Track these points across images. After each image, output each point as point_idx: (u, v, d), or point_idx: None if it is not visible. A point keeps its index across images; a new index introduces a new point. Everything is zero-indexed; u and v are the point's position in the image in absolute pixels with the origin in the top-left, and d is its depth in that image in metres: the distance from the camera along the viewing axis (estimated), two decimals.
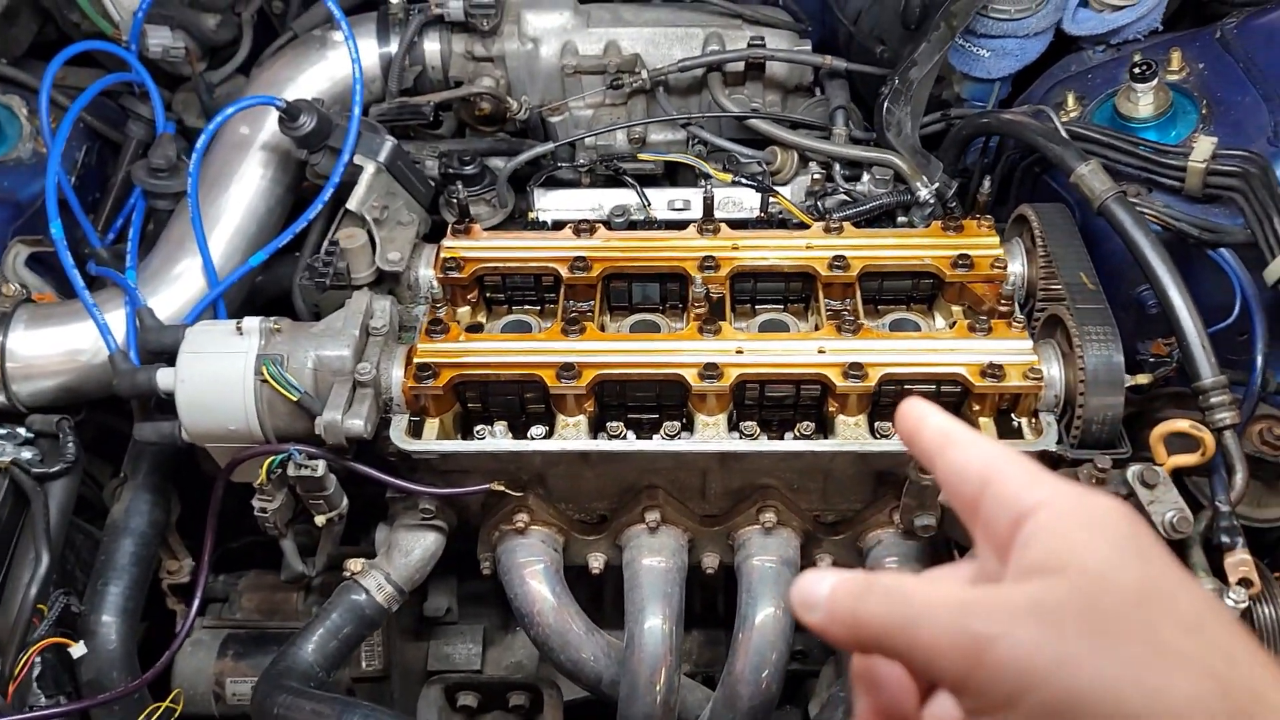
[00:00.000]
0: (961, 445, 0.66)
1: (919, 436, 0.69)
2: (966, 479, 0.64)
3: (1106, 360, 1.53)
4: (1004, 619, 0.54)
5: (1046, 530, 0.58)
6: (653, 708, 1.59)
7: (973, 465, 0.64)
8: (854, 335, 1.62)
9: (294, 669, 1.56)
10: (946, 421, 0.68)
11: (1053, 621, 0.53)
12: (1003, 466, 0.63)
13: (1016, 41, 2.03)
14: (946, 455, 0.66)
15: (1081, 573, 0.55)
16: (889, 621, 0.58)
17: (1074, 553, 0.56)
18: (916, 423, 0.69)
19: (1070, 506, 0.58)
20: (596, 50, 2.08)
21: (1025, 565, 0.57)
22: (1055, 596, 0.54)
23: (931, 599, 0.57)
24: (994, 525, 0.61)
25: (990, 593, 0.57)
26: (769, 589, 1.64)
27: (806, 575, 0.63)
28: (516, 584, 1.68)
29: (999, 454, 0.64)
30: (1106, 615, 0.53)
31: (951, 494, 0.66)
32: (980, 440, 0.67)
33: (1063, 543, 0.57)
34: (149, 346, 1.72)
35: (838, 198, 1.96)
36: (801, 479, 1.67)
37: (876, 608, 0.59)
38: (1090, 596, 0.54)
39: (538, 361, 1.60)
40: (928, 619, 0.57)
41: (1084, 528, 0.57)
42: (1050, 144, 1.75)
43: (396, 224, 1.85)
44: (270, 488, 1.61)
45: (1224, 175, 1.69)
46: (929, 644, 0.56)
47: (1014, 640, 0.53)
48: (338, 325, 1.64)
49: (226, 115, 1.81)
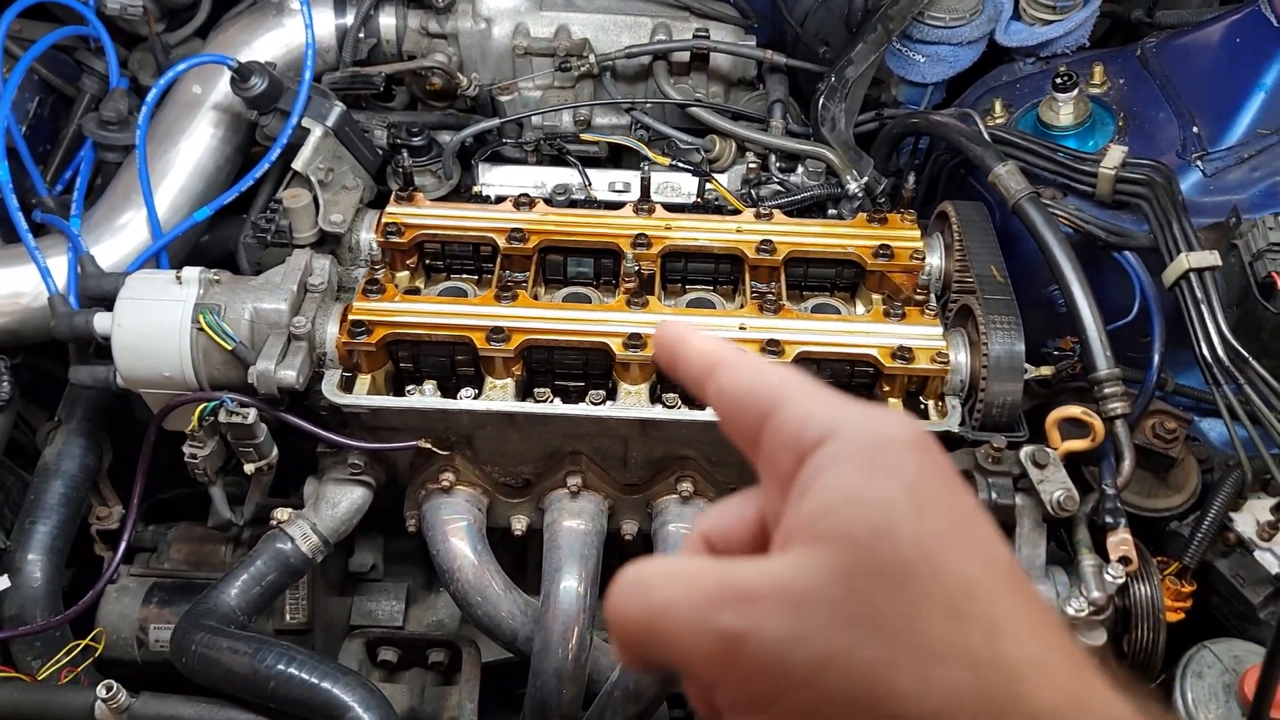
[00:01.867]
0: (733, 367, 0.57)
1: (682, 358, 0.60)
2: (743, 406, 0.56)
3: (1009, 348, 1.62)
4: (752, 608, 0.46)
5: (825, 473, 0.50)
6: (564, 663, 1.64)
7: (749, 390, 0.56)
8: (775, 315, 1.69)
9: (215, 610, 1.60)
10: (712, 342, 0.60)
11: (805, 610, 0.46)
12: (787, 389, 0.54)
13: (950, 49, 2.12)
14: (717, 379, 0.58)
15: (846, 542, 0.47)
16: (638, 621, 0.50)
17: (847, 506, 0.48)
18: (676, 343, 0.61)
19: (854, 441, 0.50)
20: (548, 33, 2.14)
21: (796, 524, 0.50)
22: (811, 575, 0.47)
23: (675, 587, 0.49)
24: (776, 461, 0.53)
25: (742, 572, 0.49)
26: None
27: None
28: (439, 540, 1.73)
29: (777, 376, 0.56)
30: (864, 596, 0.45)
31: (727, 423, 0.57)
32: (755, 361, 0.58)
33: (837, 491, 0.49)
34: (89, 292, 1.75)
35: (771, 187, 2.03)
36: (720, 451, 1.73)
37: (629, 609, 0.50)
38: (849, 572, 0.46)
39: (469, 324, 1.66)
40: (672, 614, 0.48)
41: (862, 474, 0.49)
42: (972, 144, 1.84)
43: (341, 188, 1.89)
44: (202, 435, 1.65)
45: (1132, 183, 1.79)
46: (675, 644, 0.48)
47: (764, 636, 0.46)
48: (276, 280, 1.69)
49: (179, 70, 1.85)
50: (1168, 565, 1.66)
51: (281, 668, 1.50)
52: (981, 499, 1.55)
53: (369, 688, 1.53)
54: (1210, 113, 1.89)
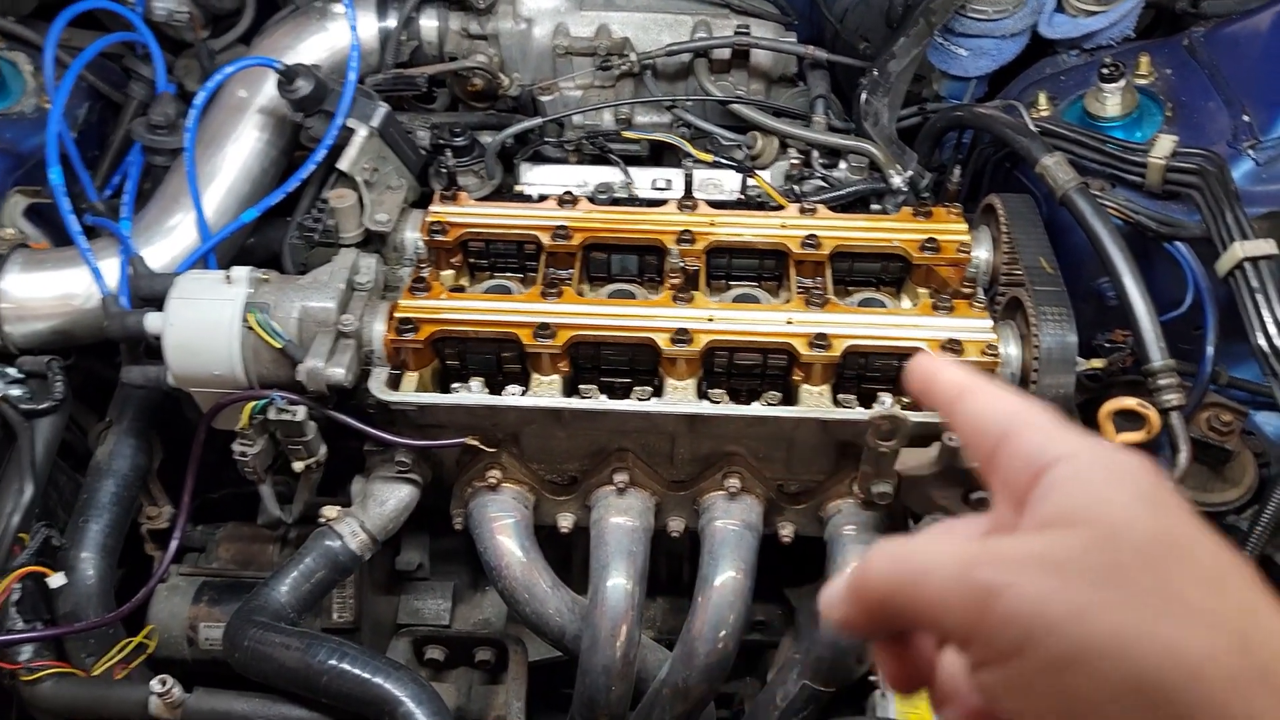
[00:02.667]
0: (980, 395, 0.64)
1: (933, 386, 0.67)
2: (985, 430, 0.62)
3: (1060, 340, 1.60)
4: (1012, 569, 0.53)
5: (1066, 482, 0.56)
6: (613, 660, 1.64)
7: (992, 415, 0.62)
8: (821, 309, 1.68)
9: (266, 607, 1.61)
10: (962, 372, 0.67)
11: (1064, 572, 0.52)
12: (1025, 417, 0.61)
13: (993, 41, 2.10)
14: (965, 404, 0.65)
15: (1098, 524, 0.53)
16: (893, 580, 0.57)
17: (1092, 505, 0.54)
18: (930, 373, 0.68)
19: (1092, 460, 0.57)
20: (588, 33, 2.15)
21: (1041, 516, 0.56)
22: (1068, 547, 0.53)
23: (936, 553, 0.57)
24: (1012, 477, 0.59)
25: (999, 543, 0.56)
26: (730, 551, 1.70)
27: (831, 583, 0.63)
28: (486, 538, 1.73)
29: (1020, 405, 0.62)
30: (1121, 567, 0.51)
31: (969, 445, 0.64)
32: (1000, 391, 0.65)
33: (1081, 495, 0.55)
34: (140, 293, 1.77)
35: (814, 183, 2.02)
36: (766, 447, 1.72)
37: (880, 569, 0.58)
38: (1105, 548, 0.52)
39: (516, 321, 1.66)
40: (932, 573, 0.56)
41: (1104, 481, 0.56)
42: (1018, 136, 1.82)
43: (386, 188, 1.91)
44: (251, 432, 1.66)
45: (1183, 172, 1.76)
46: (934, 597, 0.55)
47: (1022, 590, 0.52)
48: (324, 278, 1.70)
49: (226, 74, 1.87)
50: None
51: (334, 663, 1.50)
52: None
53: (420, 683, 1.54)
54: (1261, 101, 1.86)
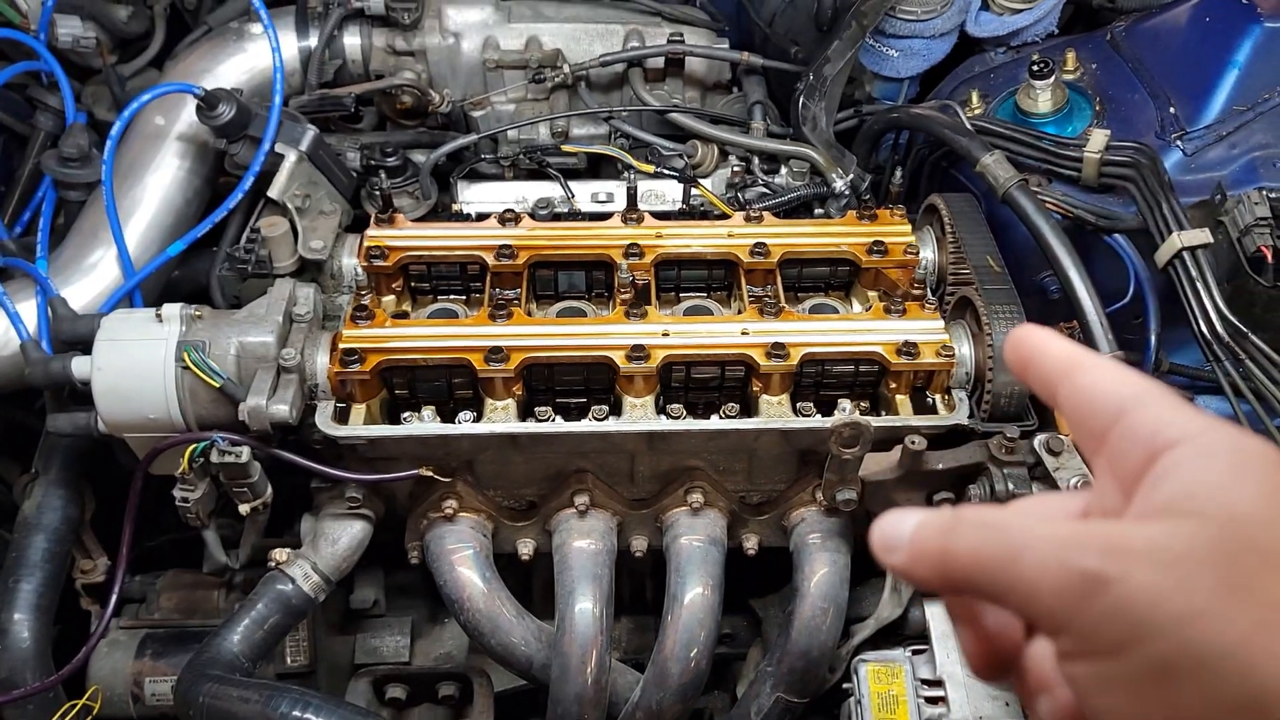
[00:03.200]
0: (1093, 370, 0.59)
1: (1039, 361, 0.62)
2: (1098, 407, 0.57)
3: None
4: (1122, 558, 0.48)
5: (1186, 466, 0.51)
6: (584, 688, 1.60)
7: (1107, 391, 0.57)
8: (776, 317, 1.67)
9: (219, 659, 1.54)
10: (1071, 345, 0.61)
11: (1182, 568, 0.47)
12: (1143, 394, 0.56)
13: (923, 42, 2.12)
14: (1075, 379, 0.59)
15: (1222, 518, 0.48)
16: (983, 555, 0.52)
17: (1215, 494, 0.49)
18: (1035, 347, 0.62)
19: (1217, 443, 0.52)
20: (518, 45, 2.11)
21: (1154, 503, 0.51)
22: (1187, 541, 0.48)
23: (1034, 530, 0.51)
24: (1124, 457, 0.55)
25: (1107, 528, 0.51)
26: (697, 568, 1.67)
27: (887, 515, 0.57)
28: (445, 571, 1.68)
29: (1138, 380, 0.57)
30: (1246, 570, 0.46)
31: (1077, 423, 0.59)
32: (1115, 365, 0.59)
33: (1204, 483, 0.50)
34: (62, 336, 1.68)
35: (757, 190, 2.01)
36: (727, 459, 1.70)
37: (968, 541, 0.53)
38: (1229, 546, 0.47)
39: (465, 346, 1.61)
40: (1030, 552, 0.50)
41: (1231, 469, 0.50)
42: (957, 136, 1.84)
43: (319, 213, 1.84)
44: (192, 477, 1.58)
45: (1117, 165, 1.80)
46: (1031, 579, 0.50)
47: (1133, 584, 0.47)
48: (260, 312, 1.63)
49: (143, 101, 1.79)
50: None
51: (297, 714, 1.44)
52: (999, 490, 1.53)
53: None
54: (1185, 92, 1.91)
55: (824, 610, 1.66)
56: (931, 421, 1.60)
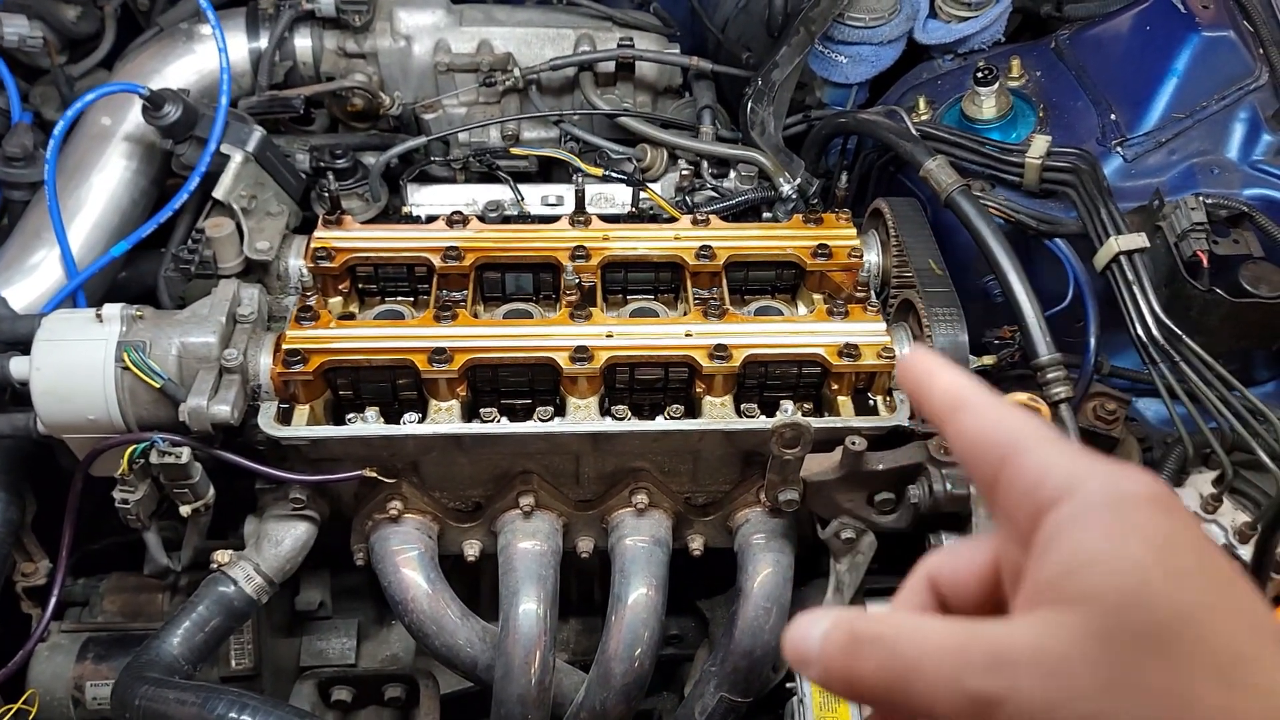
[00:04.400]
0: (973, 411, 0.57)
1: (926, 394, 0.60)
2: (979, 454, 0.56)
3: (953, 339, 1.63)
4: (1008, 672, 0.47)
5: (1066, 532, 0.49)
6: (527, 689, 1.61)
7: (986, 437, 0.55)
8: (719, 319, 1.68)
9: (157, 662, 1.52)
10: (957, 380, 0.59)
11: (1065, 673, 0.46)
12: (1021, 440, 0.54)
13: (871, 48, 2.14)
14: (957, 422, 0.57)
15: (1100, 605, 0.46)
16: (883, 678, 0.51)
17: (1094, 570, 0.47)
18: (923, 378, 0.60)
19: (1096, 500, 0.50)
20: (469, 49, 2.11)
21: (1040, 585, 0.50)
22: (1068, 638, 0.47)
23: (924, 648, 0.50)
24: (1013, 512, 0.53)
25: (993, 634, 0.49)
26: (641, 568, 1.68)
27: (798, 623, 0.55)
28: (390, 572, 1.68)
29: (1017, 423, 0.55)
30: (1126, 662, 0.45)
31: (966, 465, 0.58)
32: (994, 404, 0.57)
33: (1083, 554, 0.48)
34: (1, 336, 1.66)
35: (705, 193, 2.03)
36: (672, 461, 1.71)
37: (868, 665, 0.52)
38: (1109, 636, 0.46)
39: (410, 347, 1.61)
40: (922, 675, 0.49)
41: (1110, 532, 0.48)
42: (901, 141, 1.86)
43: (266, 214, 1.83)
44: (133, 478, 1.57)
45: (1058, 171, 1.82)
46: (927, 703, 0.49)
47: (1022, 700, 0.46)
48: (203, 312, 1.62)
49: (87, 101, 1.78)
50: None
51: (234, 715, 1.43)
52: (937, 490, 1.55)
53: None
54: (1126, 100, 1.94)
55: (767, 610, 1.67)
56: (872, 423, 1.62)
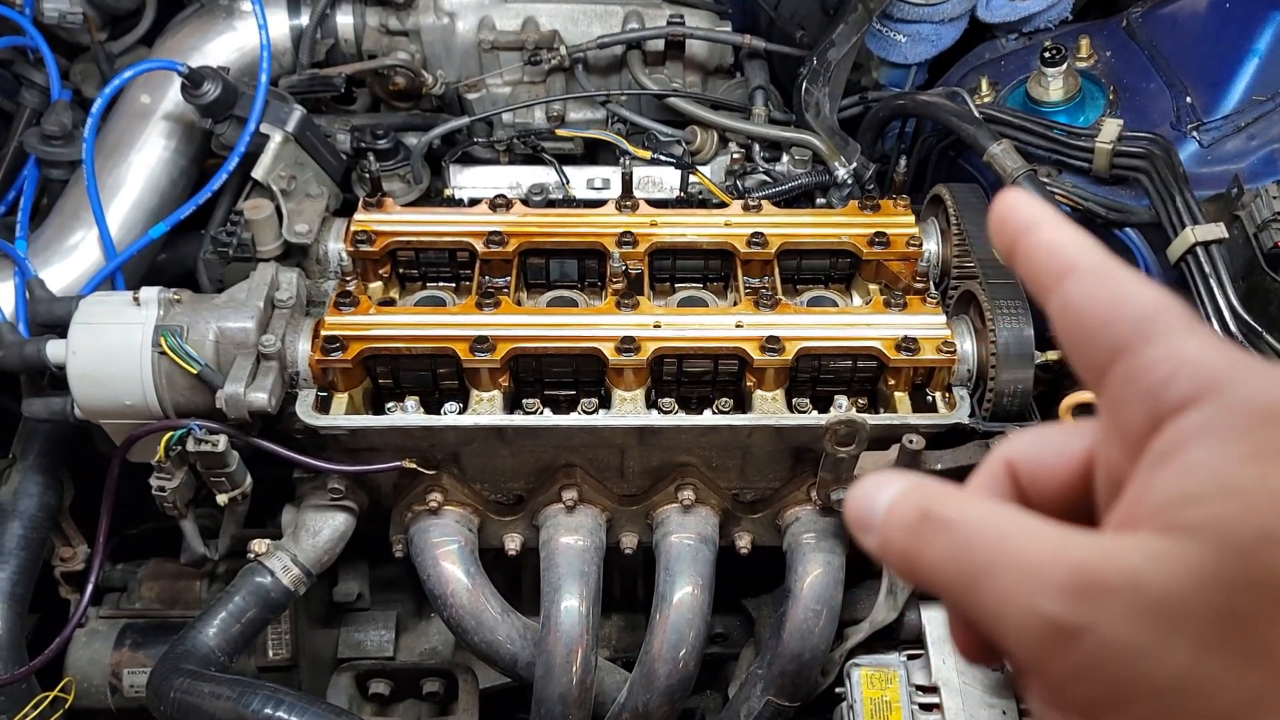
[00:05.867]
0: (1091, 278, 0.46)
1: (1025, 249, 0.49)
2: (1095, 331, 0.45)
3: (1017, 334, 1.55)
4: (1096, 599, 0.39)
5: (1195, 447, 0.40)
6: (569, 687, 1.56)
7: (1108, 312, 0.45)
8: (772, 310, 1.62)
9: (193, 653, 1.50)
10: (1070, 237, 0.48)
11: (1166, 615, 0.38)
12: (1153, 323, 0.44)
13: (932, 27, 2.06)
14: (1068, 289, 0.47)
15: (1229, 542, 0.37)
16: (947, 576, 0.44)
17: (1222, 501, 0.38)
18: (1023, 231, 0.49)
19: (1238, 411, 0.40)
20: (514, 26, 2.05)
21: (1148, 503, 0.41)
22: (1181, 576, 0.38)
23: (1004, 549, 0.42)
24: (1125, 410, 0.44)
25: (1086, 551, 0.40)
26: (687, 567, 1.63)
27: (863, 483, 0.48)
28: (429, 565, 1.64)
29: (1150, 300, 0.44)
30: (1247, 618, 0.37)
31: (1069, 345, 0.47)
32: (1121, 273, 0.46)
33: (1209, 480, 0.39)
34: (39, 319, 1.64)
35: (757, 177, 1.95)
36: (720, 456, 1.65)
37: (934, 553, 0.45)
38: (1231, 585, 0.37)
39: (451, 335, 1.56)
40: (994, 581, 0.41)
41: (1248, 458, 0.38)
42: (964, 124, 1.77)
43: (305, 196, 1.79)
44: (169, 465, 1.54)
45: (1130, 157, 1.73)
46: (993, 614, 0.42)
47: (1106, 637, 0.38)
48: (241, 296, 1.58)
49: (125, 78, 1.74)
50: None
51: (269, 711, 1.40)
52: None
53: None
54: (1203, 81, 1.84)
55: (817, 613, 1.61)
56: (931, 420, 1.55)
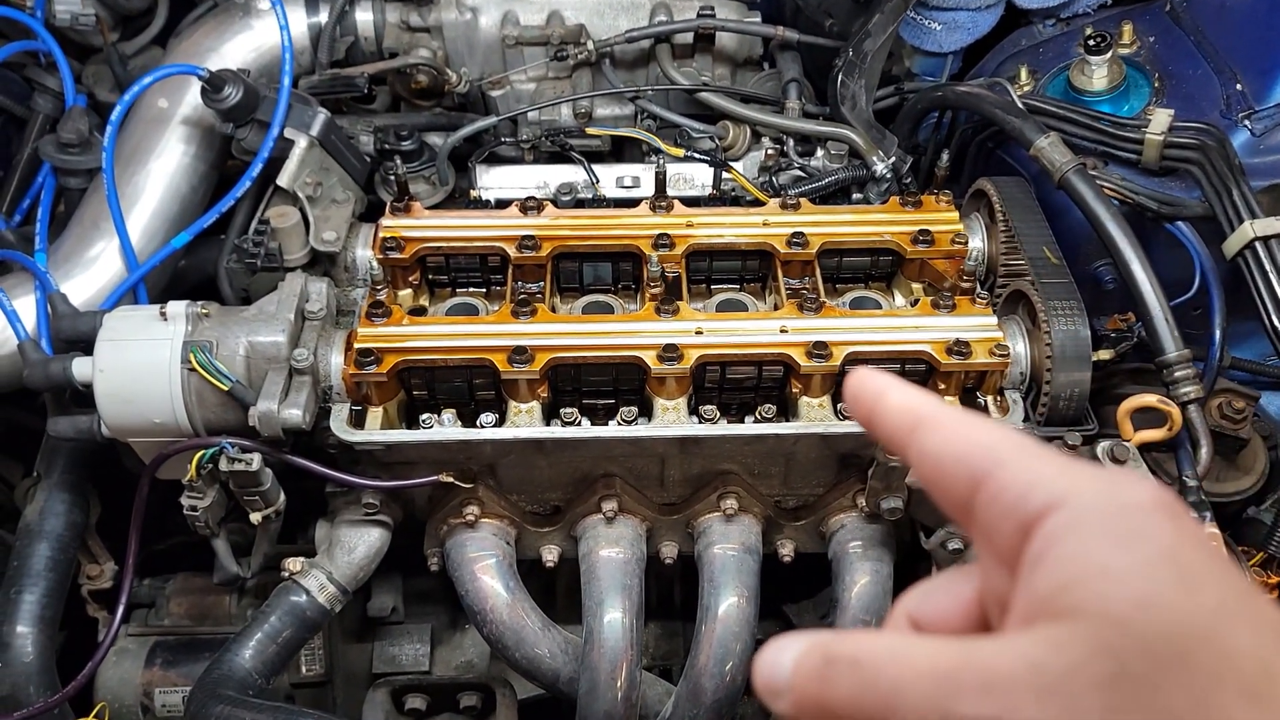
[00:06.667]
0: (937, 427, 0.52)
1: (879, 415, 0.55)
2: (951, 471, 0.50)
3: (1074, 335, 1.50)
4: (1001, 696, 0.42)
5: (1062, 543, 0.45)
6: (614, 704, 1.52)
7: (957, 453, 0.50)
8: (816, 314, 1.57)
9: (230, 677, 1.46)
10: (912, 397, 0.54)
11: (1065, 695, 0.41)
12: (998, 453, 0.49)
13: (968, 14, 2.00)
14: (919, 441, 0.53)
15: (1105, 617, 0.42)
16: (862, 708, 0.46)
17: (1093, 582, 0.43)
18: (873, 400, 0.55)
19: (1092, 508, 0.45)
20: (539, 20, 1.99)
21: (1033, 600, 0.45)
22: (1070, 657, 0.41)
23: (905, 673, 0.45)
24: (995, 533, 0.48)
25: (983, 653, 0.44)
26: (731, 578, 1.59)
27: (767, 648, 0.50)
28: (467, 580, 1.60)
29: (989, 436, 0.50)
30: (1138, 685, 0.40)
31: (933, 490, 0.52)
32: (962, 419, 0.52)
33: (1080, 565, 0.44)
34: (63, 335, 1.59)
35: (792, 173, 1.90)
36: (763, 463, 1.61)
37: (844, 691, 0.46)
38: (1113, 654, 0.41)
39: (488, 345, 1.52)
40: (905, 702, 0.44)
41: (1110, 542, 0.44)
42: (1009, 117, 1.72)
43: (331, 202, 1.74)
44: (201, 484, 1.50)
45: (1181, 148, 1.68)
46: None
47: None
48: (271, 309, 1.54)
49: (144, 85, 1.68)
50: (1250, 555, 1.56)
51: None
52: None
53: None
54: (1253, 67, 1.78)
55: (865, 623, 1.57)
56: None
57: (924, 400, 0.54)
